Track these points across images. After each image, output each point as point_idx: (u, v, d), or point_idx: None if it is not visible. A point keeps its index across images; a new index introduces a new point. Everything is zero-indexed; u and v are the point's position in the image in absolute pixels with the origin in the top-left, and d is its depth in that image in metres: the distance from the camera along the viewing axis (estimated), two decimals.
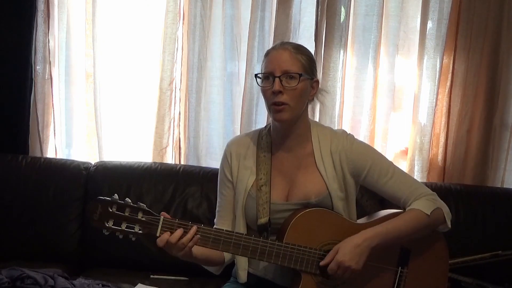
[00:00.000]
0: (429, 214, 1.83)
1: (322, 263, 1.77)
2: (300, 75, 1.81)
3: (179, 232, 1.69)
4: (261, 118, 2.77)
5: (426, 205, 1.85)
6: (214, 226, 1.90)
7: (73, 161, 2.73)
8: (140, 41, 2.83)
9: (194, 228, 1.71)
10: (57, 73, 2.84)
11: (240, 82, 2.81)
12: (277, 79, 1.80)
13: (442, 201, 1.91)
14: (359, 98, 2.75)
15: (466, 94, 2.70)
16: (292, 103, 1.81)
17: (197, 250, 1.77)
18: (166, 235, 1.69)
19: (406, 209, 1.88)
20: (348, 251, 1.75)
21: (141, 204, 1.70)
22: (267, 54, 1.88)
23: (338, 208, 1.89)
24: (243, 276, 1.96)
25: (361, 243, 1.77)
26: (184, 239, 1.70)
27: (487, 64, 2.66)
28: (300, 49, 1.86)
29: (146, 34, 2.82)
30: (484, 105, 2.69)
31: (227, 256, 1.94)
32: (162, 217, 1.70)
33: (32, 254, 2.57)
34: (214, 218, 2.03)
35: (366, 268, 1.84)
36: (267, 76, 1.84)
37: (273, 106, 1.82)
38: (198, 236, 1.72)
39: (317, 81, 1.92)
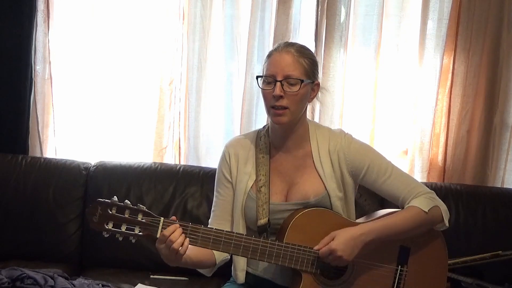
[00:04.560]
0: (427, 211, 1.83)
1: (316, 247, 1.78)
2: (302, 81, 1.81)
3: (177, 231, 1.69)
4: (261, 118, 2.77)
5: (424, 202, 1.85)
6: (209, 226, 1.90)
7: (73, 161, 2.72)
8: (140, 41, 2.83)
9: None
10: (57, 73, 2.84)
11: (240, 82, 2.81)
12: (278, 84, 1.80)
13: (440, 200, 1.92)
14: (359, 98, 2.75)
15: (466, 94, 2.70)
16: (292, 108, 1.81)
17: (191, 253, 1.76)
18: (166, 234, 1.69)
19: (404, 207, 1.88)
20: (343, 241, 1.75)
21: (140, 205, 1.70)
22: (270, 55, 1.87)
23: (337, 208, 1.90)
24: (241, 277, 1.97)
25: (357, 236, 1.77)
26: (180, 238, 1.69)
27: (487, 64, 2.66)
28: (303, 52, 1.85)
29: (146, 34, 2.81)
30: (484, 105, 2.69)
31: (218, 258, 1.93)
32: (162, 218, 1.70)
33: (32, 254, 2.58)
34: None
35: (366, 267, 1.85)
36: (269, 79, 1.83)
37: (273, 110, 1.82)
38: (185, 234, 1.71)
39: (318, 84, 1.91)
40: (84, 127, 2.90)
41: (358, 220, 1.96)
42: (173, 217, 1.72)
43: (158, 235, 1.69)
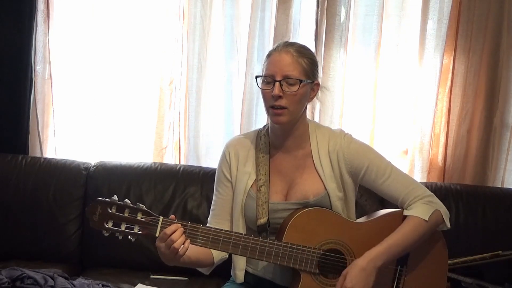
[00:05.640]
0: (427, 219, 1.84)
1: None
2: (301, 81, 1.81)
3: (179, 231, 1.70)
4: (261, 118, 2.77)
5: (423, 210, 1.85)
6: (208, 225, 1.90)
7: (73, 161, 2.72)
8: (140, 41, 2.83)
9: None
10: (57, 73, 2.84)
11: (240, 82, 2.81)
12: (277, 84, 1.80)
13: (439, 202, 1.91)
14: (359, 98, 2.75)
15: (466, 94, 2.70)
16: (291, 108, 1.81)
17: (189, 253, 1.75)
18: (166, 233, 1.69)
19: (404, 213, 1.88)
20: (355, 276, 1.75)
21: (140, 205, 1.70)
22: (269, 55, 1.87)
23: (336, 208, 1.90)
24: (240, 276, 1.97)
25: (366, 266, 1.77)
26: (181, 238, 1.70)
27: (487, 64, 2.66)
28: (302, 52, 1.85)
29: (146, 34, 2.81)
30: (484, 105, 2.69)
31: (216, 257, 1.94)
32: (161, 217, 1.70)
33: (32, 254, 2.58)
34: None
35: None
36: (268, 79, 1.83)
37: (272, 110, 1.82)
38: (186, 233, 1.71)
39: (318, 84, 1.91)
40: (84, 127, 2.90)
41: (358, 220, 1.96)
42: (172, 216, 1.73)
43: (157, 234, 1.69)
